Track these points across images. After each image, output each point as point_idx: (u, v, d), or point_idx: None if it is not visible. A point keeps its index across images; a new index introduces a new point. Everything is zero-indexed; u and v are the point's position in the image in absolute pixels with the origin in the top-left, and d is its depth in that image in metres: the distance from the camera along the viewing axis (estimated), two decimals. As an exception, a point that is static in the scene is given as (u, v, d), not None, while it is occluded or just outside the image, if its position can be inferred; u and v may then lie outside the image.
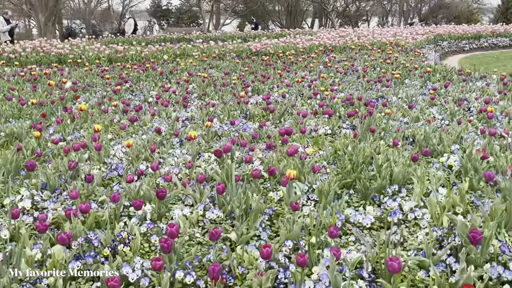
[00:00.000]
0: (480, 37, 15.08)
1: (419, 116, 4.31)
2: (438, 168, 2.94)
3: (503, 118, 4.22)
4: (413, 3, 43.88)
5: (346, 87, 5.97)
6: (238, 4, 27.58)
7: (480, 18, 43.04)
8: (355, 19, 40.54)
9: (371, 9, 44.03)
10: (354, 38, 10.92)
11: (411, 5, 43.83)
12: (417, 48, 11.46)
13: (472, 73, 6.89)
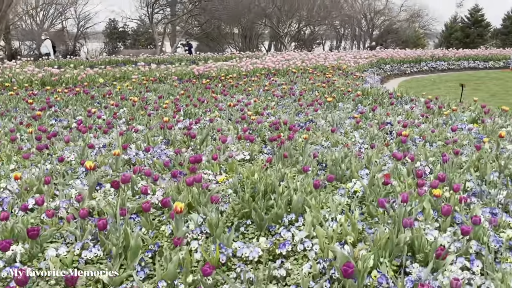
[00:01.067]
0: (421, 61, 15.84)
1: (341, 140, 4.35)
2: (343, 195, 2.92)
3: (420, 141, 4.34)
4: (365, 27, 45.84)
5: (279, 110, 5.98)
6: (192, 27, 27.68)
7: (426, 42, 45.52)
8: (310, 43, 41.77)
9: (325, 33, 45.61)
10: (298, 62, 11.11)
11: (363, 30, 45.75)
12: (359, 71, 11.83)
13: (404, 97, 7.13)
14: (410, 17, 46.23)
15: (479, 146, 3.69)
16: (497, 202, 2.75)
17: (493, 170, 3.39)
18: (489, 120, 5.17)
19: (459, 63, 16.23)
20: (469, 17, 38.87)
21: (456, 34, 38.57)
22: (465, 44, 34.27)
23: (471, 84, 10.98)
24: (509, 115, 5.53)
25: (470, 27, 38.21)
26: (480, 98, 8.96)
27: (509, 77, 12.16)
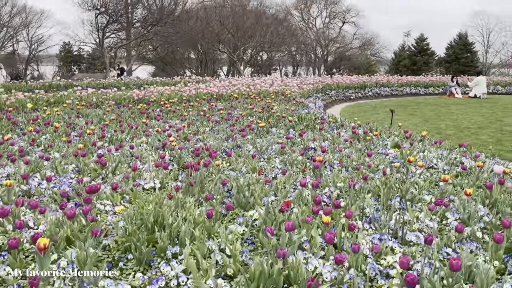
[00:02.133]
0: (366, 87, 16.42)
1: (262, 166, 4.32)
2: (241, 223, 2.86)
3: (338, 166, 4.39)
4: (320, 54, 47.36)
5: (211, 136, 5.92)
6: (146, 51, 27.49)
7: (378, 69, 47.55)
8: (267, 69, 42.55)
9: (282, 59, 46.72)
10: (243, 87, 11.20)
11: (318, 56, 47.23)
12: (303, 97, 12.07)
13: (336, 122, 7.28)
14: (362, 45, 48.34)
15: (385, 171, 3.77)
16: (388, 228, 2.77)
17: (396, 195, 3.46)
18: (408, 145, 5.35)
19: (401, 89, 16.96)
20: (415, 45, 41.06)
21: (404, 61, 40.52)
22: (412, 71, 36.06)
23: (408, 110, 11.45)
24: (428, 140, 5.75)
25: (416, 55, 40.31)
26: (413, 123, 9.33)
27: (444, 103, 12.80)
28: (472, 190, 3.10)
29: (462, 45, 38.75)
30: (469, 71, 34.66)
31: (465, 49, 38.56)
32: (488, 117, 9.69)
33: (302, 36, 45.05)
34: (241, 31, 24.54)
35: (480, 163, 3.94)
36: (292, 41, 32.79)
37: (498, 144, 7.02)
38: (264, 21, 26.02)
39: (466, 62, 37.87)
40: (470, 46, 38.83)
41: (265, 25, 25.63)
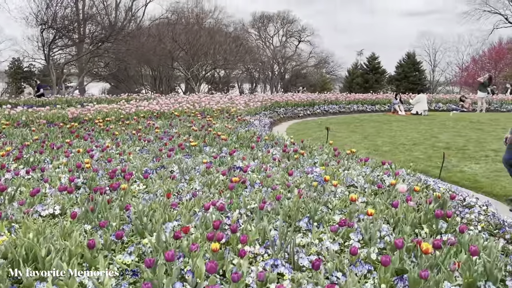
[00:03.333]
0: (314, 104, 16.69)
1: (179, 188, 4.16)
2: (132, 252, 2.67)
3: (258, 186, 4.30)
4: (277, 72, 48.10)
5: (138, 156, 5.69)
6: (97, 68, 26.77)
7: (332, 86, 48.86)
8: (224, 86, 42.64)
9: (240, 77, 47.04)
10: (187, 104, 11.02)
11: (275, 74, 47.94)
12: (250, 114, 12.05)
13: (274, 139, 7.24)
14: (318, 63, 49.64)
15: (300, 191, 3.71)
16: (284, 252, 2.68)
17: (306, 215, 3.39)
18: (334, 163, 5.37)
19: (349, 107, 17.36)
20: (367, 64, 42.57)
21: (357, 79, 41.86)
22: (365, 88, 37.24)
23: (351, 127, 11.68)
24: (356, 157, 5.80)
25: (368, 73, 41.74)
26: (353, 140, 9.50)
27: (387, 120, 13.18)
28: (374, 210, 3.07)
29: (411, 64, 40.58)
30: (417, 89, 36.27)
31: (414, 68, 40.41)
32: (424, 134, 10.02)
33: (259, 54, 45.74)
34: (194, 48, 24.46)
35: (393, 181, 3.96)
36: (248, 58, 33.04)
37: (428, 160, 7.22)
38: (218, 38, 26.08)
39: (415, 80, 39.63)
40: (418, 65, 40.72)
41: (219, 42, 25.69)
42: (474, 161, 7.04)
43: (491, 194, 5.35)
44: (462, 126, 11.28)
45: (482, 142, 8.74)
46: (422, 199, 3.89)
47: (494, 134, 9.83)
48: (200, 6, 40.82)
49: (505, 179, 5.82)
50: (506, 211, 4.75)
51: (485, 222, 3.75)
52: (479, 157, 7.28)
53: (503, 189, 5.41)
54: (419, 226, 3.32)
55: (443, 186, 4.85)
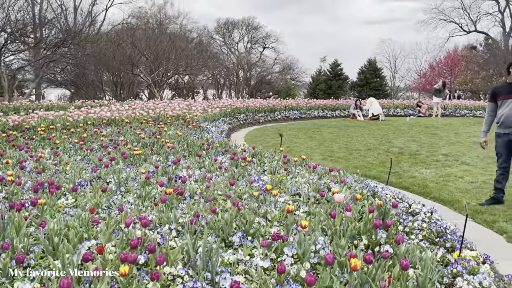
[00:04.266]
0: (275, 110, 16.61)
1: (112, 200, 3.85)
2: (35, 278, 2.36)
3: (198, 198, 4.06)
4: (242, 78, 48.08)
5: (75, 167, 5.31)
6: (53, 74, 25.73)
7: (297, 92, 49.30)
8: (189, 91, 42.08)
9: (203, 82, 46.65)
10: (141, 111, 10.64)
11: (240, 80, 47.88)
12: (207, 121, 11.78)
13: (225, 146, 7.02)
14: (283, 69, 49.97)
15: (236, 202, 3.49)
16: (207, 272, 2.45)
17: (241, 229, 3.18)
18: (283, 171, 5.21)
19: (310, 112, 17.41)
20: (330, 70, 43.16)
21: (320, 85, 42.34)
22: (328, 94, 37.69)
23: (309, 133, 11.63)
24: (305, 164, 5.67)
25: (332, 80, 42.30)
26: (309, 146, 9.42)
27: (344, 126, 13.24)
28: (308, 222, 2.89)
29: (372, 70, 41.46)
30: (379, 94, 37.12)
31: (375, 74, 41.30)
32: (379, 139, 10.08)
33: (224, 60, 45.58)
34: (155, 53, 23.95)
35: (335, 190, 3.82)
36: (211, 64, 32.76)
37: (381, 166, 7.21)
38: (179, 43, 25.67)
39: (376, 86, 40.50)
40: (379, 71, 41.65)
41: (180, 47, 25.29)
42: (425, 166, 7.07)
43: (438, 200, 5.33)
44: (417, 131, 11.46)
45: (435, 146, 8.86)
46: (365, 207, 3.77)
47: (447, 138, 10.02)
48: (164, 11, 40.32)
49: (453, 184, 5.85)
50: (452, 217, 4.72)
51: (428, 230, 3.67)
52: (430, 162, 7.34)
53: (450, 194, 5.41)
54: (358, 237, 3.18)
55: (390, 193, 4.78)
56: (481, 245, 3.91)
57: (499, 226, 4.30)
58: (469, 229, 4.34)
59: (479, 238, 4.09)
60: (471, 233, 4.21)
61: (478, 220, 4.59)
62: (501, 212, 4.64)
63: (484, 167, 6.80)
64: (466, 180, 6.06)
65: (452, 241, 3.43)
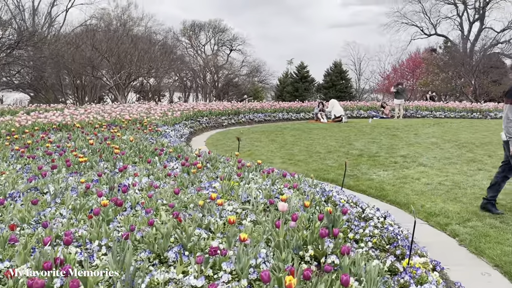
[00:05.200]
0: (239, 113, 16.40)
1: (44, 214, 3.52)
2: None
3: (140, 208, 3.78)
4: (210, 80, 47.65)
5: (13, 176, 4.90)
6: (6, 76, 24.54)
7: (265, 95, 49.34)
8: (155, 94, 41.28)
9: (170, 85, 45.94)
10: (96, 115, 10.17)
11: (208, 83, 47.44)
12: (167, 124, 11.43)
13: (182, 151, 6.74)
14: (250, 72, 49.88)
15: (176, 214, 3.25)
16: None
17: (178, 244, 2.94)
18: (236, 177, 4.99)
19: (274, 115, 17.30)
20: (297, 73, 43.42)
21: (287, 88, 42.51)
22: (295, 96, 37.86)
23: (271, 136, 11.49)
24: (260, 169, 5.48)
25: (298, 82, 42.56)
26: (270, 149, 9.25)
27: (307, 128, 13.19)
28: (247, 234, 2.68)
29: (338, 72, 42.00)
30: (344, 96, 37.61)
31: (340, 76, 41.85)
32: (341, 141, 10.04)
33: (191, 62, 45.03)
34: (116, 56, 23.26)
35: (284, 197, 3.63)
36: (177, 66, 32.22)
37: (340, 169, 7.11)
38: (142, 45, 25.06)
39: (342, 88, 41.02)
40: (344, 74, 42.23)
41: (143, 49, 24.68)
42: (383, 168, 7.04)
43: (394, 203, 5.26)
44: (378, 133, 11.53)
45: (394, 148, 8.88)
46: (315, 214, 3.61)
47: (406, 140, 10.11)
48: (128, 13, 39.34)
49: (409, 186, 5.81)
50: (407, 220, 4.64)
51: (379, 236, 3.54)
52: (388, 164, 7.31)
53: (406, 197, 5.35)
54: (304, 248, 3.00)
55: (345, 197, 4.66)
56: (434, 250, 3.83)
57: (452, 229, 4.25)
58: (422, 233, 4.28)
59: (432, 242, 4.01)
60: (424, 237, 4.14)
61: (432, 223, 4.53)
62: (454, 215, 4.60)
63: (440, 168, 6.83)
64: (422, 181, 6.04)
65: (402, 248, 3.31)
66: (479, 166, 6.90)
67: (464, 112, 18.74)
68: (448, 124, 14.05)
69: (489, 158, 7.59)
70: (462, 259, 3.67)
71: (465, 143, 9.34)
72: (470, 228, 4.20)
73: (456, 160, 7.44)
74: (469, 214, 4.59)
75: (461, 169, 6.72)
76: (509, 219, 4.37)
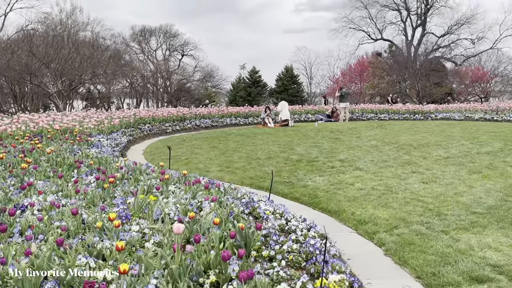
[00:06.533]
0: (185, 119, 15.91)
1: None
2: None
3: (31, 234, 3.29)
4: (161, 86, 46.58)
5: None
6: None
7: (218, 100, 48.93)
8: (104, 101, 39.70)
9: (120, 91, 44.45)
10: (19, 125, 9.37)
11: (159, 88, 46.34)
12: (103, 133, 10.79)
13: (101, 163, 6.23)
14: (203, 77, 49.28)
15: (60, 240, 2.81)
16: None
17: (54, 279, 2.51)
18: (156, 190, 4.60)
19: (222, 120, 16.95)
20: (249, 78, 43.37)
21: (240, 93, 42.35)
22: (248, 101, 37.71)
23: (214, 142, 11.13)
24: (185, 180, 5.11)
25: (251, 87, 42.51)
26: (209, 157, 8.89)
27: (253, 133, 12.94)
28: (127, 266, 2.30)
29: (289, 77, 42.35)
30: (296, 100, 37.93)
31: (292, 81, 42.22)
32: (283, 146, 9.85)
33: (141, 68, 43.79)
34: (56, 62, 22.01)
35: (192, 214, 3.29)
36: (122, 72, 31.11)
37: (277, 175, 6.86)
38: (85, 51, 23.90)
39: (293, 92, 41.40)
40: (295, 78, 42.66)
41: (86, 55, 23.54)
42: (320, 173, 6.87)
43: (326, 210, 5.06)
44: (321, 137, 11.47)
45: (334, 152, 8.79)
46: (229, 231, 3.29)
47: (348, 143, 10.08)
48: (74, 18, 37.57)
49: (342, 193, 5.65)
50: (337, 229, 4.44)
51: (297, 252, 3.28)
52: (326, 169, 7.16)
53: (338, 204, 5.16)
54: (204, 275, 2.66)
55: (271, 208, 4.38)
56: (358, 262, 3.62)
57: (379, 237, 4.07)
58: (350, 243, 4.08)
59: (358, 253, 3.81)
60: (351, 248, 3.93)
61: (360, 231, 4.34)
62: (383, 222, 4.44)
63: (375, 172, 6.75)
64: (356, 186, 5.90)
65: (319, 265, 3.05)
66: (413, 169, 6.88)
67: (407, 114, 19.26)
68: (390, 126, 14.29)
69: (423, 160, 7.64)
70: (385, 271, 3.47)
71: (404, 145, 9.42)
72: (396, 236, 4.04)
73: (393, 163, 7.42)
74: (397, 220, 4.45)
75: (395, 172, 6.67)
76: (435, 225, 4.26)
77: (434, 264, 3.38)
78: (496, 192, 5.33)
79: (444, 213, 4.61)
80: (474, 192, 5.38)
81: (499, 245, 3.66)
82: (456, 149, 8.64)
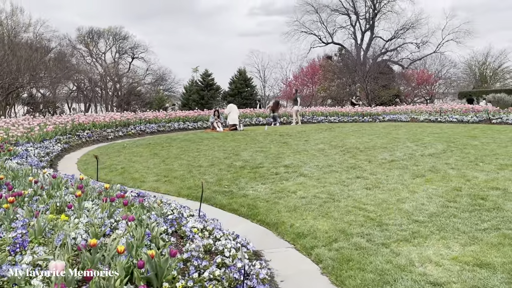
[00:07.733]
0: (129, 124, 15.11)
1: None
2: None
3: None
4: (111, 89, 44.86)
5: None
6: None
7: (171, 103, 47.80)
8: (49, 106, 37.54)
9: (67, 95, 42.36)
10: None
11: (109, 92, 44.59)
12: (33, 141, 9.89)
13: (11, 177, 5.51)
14: (155, 80, 47.97)
15: None
16: None
17: None
18: (67, 209, 4.01)
19: (169, 125, 16.28)
20: (201, 80, 42.69)
21: (193, 96, 41.56)
22: (201, 105, 37.03)
23: (157, 148, 10.51)
24: (105, 195, 4.55)
25: (204, 90, 41.85)
26: (148, 165, 8.30)
27: (199, 139, 12.42)
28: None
29: (242, 80, 42.10)
30: (250, 103, 37.72)
31: (245, 84, 42.00)
32: (228, 152, 9.43)
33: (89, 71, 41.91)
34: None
35: (94, 241, 2.78)
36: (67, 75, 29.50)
37: (217, 184, 6.43)
38: (21, 53, 22.33)
39: (247, 95, 41.18)
40: (249, 81, 42.47)
41: (23, 58, 22.00)
42: (262, 180, 6.50)
43: (264, 223, 4.68)
44: (270, 141, 11.16)
45: (280, 157, 8.47)
46: (139, 257, 2.81)
47: (295, 147, 9.82)
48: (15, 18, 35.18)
49: (283, 202, 5.30)
50: (274, 244, 4.06)
51: (219, 280, 2.85)
52: (269, 175, 6.81)
53: (277, 215, 4.80)
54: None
55: (200, 225, 3.94)
56: (292, 284, 3.26)
57: (317, 253, 3.73)
58: (286, 261, 3.71)
59: (292, 274, 3.44)
60: (286, 267, 3.56)
61: (298, 246, 3.99)
62: (322, 234, 4.12)
63: (319, 178, 6.48)
64: (298, 195, 5.58)
65: (241, 296, 2.65)
66: (357, 174, 6.68)
67: (356, 116, 19.46)
68: (339, 128, 14.26)
69: (369, 164, 7.48)
70: (321, 295, 3.13)
71: (350, 148, 9.28)
72: (335, 251, 3.72)
73: (338, 168, 7.19)
74: (337, 232, 4.14)
75: (340, 178, 6.43)
76: (375, 236, 3.98)
77: (372, 284, 3.07)
78: (438, 198, 5.19)
79: (386, 222, 4.36)
80: (417, 198, 5.20)
81: (440, 259, 3.42)
82: (401, 151, 8.59)
